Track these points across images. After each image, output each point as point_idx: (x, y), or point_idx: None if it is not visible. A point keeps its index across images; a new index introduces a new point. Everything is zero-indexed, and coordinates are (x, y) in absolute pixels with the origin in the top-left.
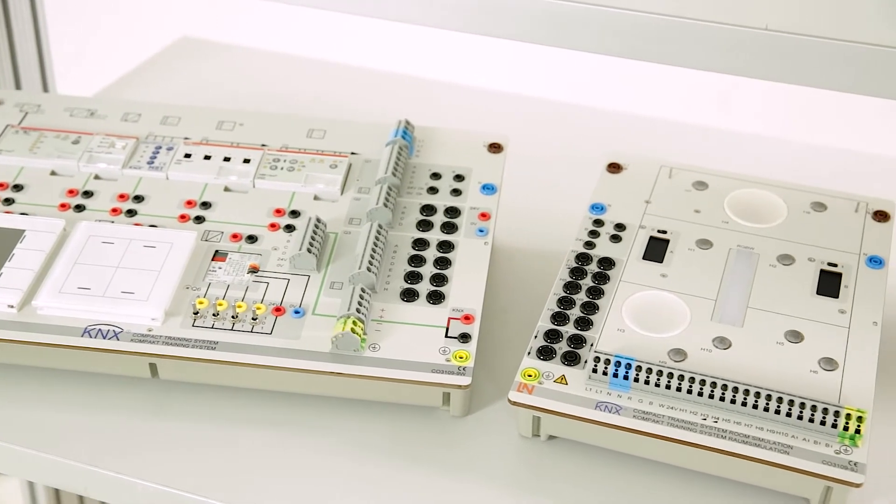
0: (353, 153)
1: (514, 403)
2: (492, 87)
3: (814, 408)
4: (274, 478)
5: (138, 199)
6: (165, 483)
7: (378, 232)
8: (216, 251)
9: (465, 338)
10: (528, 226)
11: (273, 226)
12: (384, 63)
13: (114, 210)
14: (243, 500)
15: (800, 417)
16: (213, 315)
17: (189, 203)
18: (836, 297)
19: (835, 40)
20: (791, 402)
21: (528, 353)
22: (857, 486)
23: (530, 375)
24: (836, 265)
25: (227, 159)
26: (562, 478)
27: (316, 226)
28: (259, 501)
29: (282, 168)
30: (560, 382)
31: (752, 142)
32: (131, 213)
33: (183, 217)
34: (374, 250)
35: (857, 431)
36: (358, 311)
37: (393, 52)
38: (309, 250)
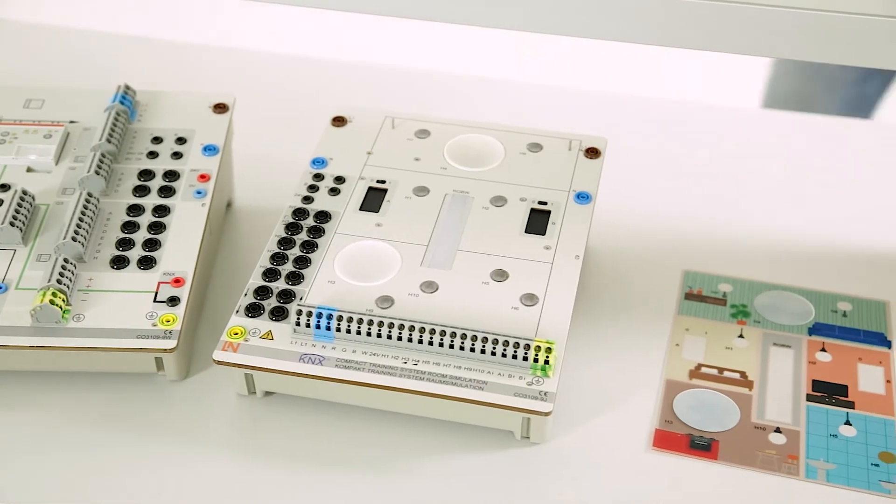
0: (71, 121)
1: (219, 363)
2: (220, 44)
3: (506, 343)
4: None
5: None
6: None
7: (87, 200)
8: None
9: (173, 301)
10: (263, 184)
11: None
12: (116, 26)
13: None
14: None
15: (493, 353)
16: None
17: None
18: (544, 234)
19: None
20: (485, 340)
21: (237, 311)
22: (546, 414)
23: (236, 334)
24: (545, 203)
25: None
26: (277, 432)
27: (21, 198)
28: None
29: None
30: (266, 338)
31: (479, 87)
32: None
33: None
34: (80, 219)
35: (547, 362)
36: (59, 281)
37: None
38: (12, 224)
